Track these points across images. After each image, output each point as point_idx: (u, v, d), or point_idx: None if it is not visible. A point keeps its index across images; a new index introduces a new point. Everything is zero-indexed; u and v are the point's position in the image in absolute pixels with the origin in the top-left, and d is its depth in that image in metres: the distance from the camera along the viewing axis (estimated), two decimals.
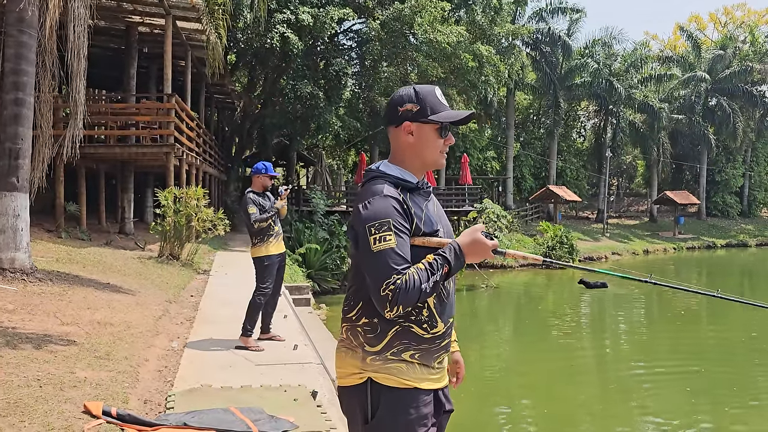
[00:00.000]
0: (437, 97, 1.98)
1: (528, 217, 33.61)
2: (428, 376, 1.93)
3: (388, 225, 1.83)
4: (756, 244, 38.42)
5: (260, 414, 4.15)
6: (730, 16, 49.07)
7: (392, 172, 1.97)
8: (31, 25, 8.11)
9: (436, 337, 1.93)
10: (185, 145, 14.96)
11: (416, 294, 1.79)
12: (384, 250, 1.81)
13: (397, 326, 1.89)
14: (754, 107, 41.09)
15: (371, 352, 1.90)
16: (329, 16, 19.03)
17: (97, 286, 8.26)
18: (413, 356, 1.90)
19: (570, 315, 14.59)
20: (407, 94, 1.97)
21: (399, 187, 1.93)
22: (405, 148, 1.99)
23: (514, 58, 29.47)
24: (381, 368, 1.89)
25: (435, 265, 1.83)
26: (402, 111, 1.96)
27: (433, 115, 1.95)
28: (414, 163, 1.99)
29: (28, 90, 8.13)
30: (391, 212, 1.86)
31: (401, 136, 1.98)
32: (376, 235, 1.83)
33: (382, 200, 1.87)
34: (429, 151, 1.98)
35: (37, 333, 5.51)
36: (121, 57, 17.20)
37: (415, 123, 1.95)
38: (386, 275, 1.79)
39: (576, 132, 46.26)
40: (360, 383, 1.91)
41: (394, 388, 1.88)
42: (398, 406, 1.88)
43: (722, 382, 8.90)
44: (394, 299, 1.78)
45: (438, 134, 1.97)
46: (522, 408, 7.93)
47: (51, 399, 4.05)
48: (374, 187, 1.92)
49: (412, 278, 1.79)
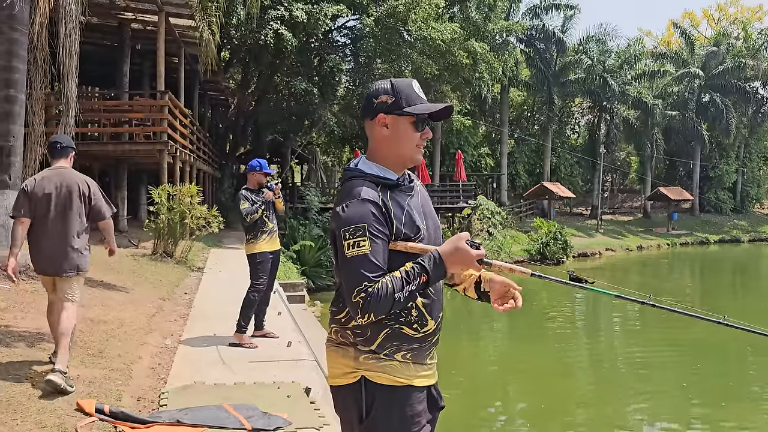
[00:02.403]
0: (414, 90, 1.92)
1: (522, 213, 33.67)
2: (421, 373, 1.92)
3: (363, 230, 1.79)
4: (749, 239, 38.64)
5: (253, 411, 4.15)
6: (723, 12, 49.24)
7: (371, 171, 1.92)
8: (22, 21, 8.06)
9: (427, 335, 1.91)
10: (179, 142, 14.91)
11: (389, 303, 1.76)
12: (357, 256, 1.78)
13: (387, 329, 1.86)
14: (747, 103, 41.26)
15: (364, 350, 1.88)
16: (323, 13, 18.97)
17: (90, 283, 8.22)
18: (405, 356, 1.88)
19: (565, 312, 14.64)
20: (383, 87, 1.93)
21: (379, 185, 1.88)
22: (381, 142, 1.93)
23: (508, 55, 29.47)
24: (374, 367, 1.87)
25: (412, 274, 1.78)
26: (377, 103, 1.91)
27: (409, 107, 1.89)
28: (390, 158, 1.93)
29: (20, 87, 8.08)
30: (368, 217, 1.80)
31: (376, 128, 1.93)
32: (350, 240, 1.79)
33: (360, 205, 1.82)
34: (405, 145, 1.92)
35: (30, 331, 5.50)
36: (114, 54, 17.10)
37: (390, 115, 1.90)
38: (357, 282, 1.76)
39: (570, 128, 46.35)
40: (354, 382, 1.89)
41: (389, 386, 1.87)
42: (393, 404, 1.87)
43: (718, 378, 8.96)
44: (364, 307, 1.75)
45: (414, 128, 1.92)
46: (517, 404, 7.96)
47: (44, 397, 4.04)
48: (353, 189, 1.86)
49: (385, 287, 1.76)
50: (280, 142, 27.55)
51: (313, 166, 36.36)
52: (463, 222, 24.06)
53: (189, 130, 16.83)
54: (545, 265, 22.25)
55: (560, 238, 23.87)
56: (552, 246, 23.73)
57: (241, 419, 4.00)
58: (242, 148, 28.92)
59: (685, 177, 44.19)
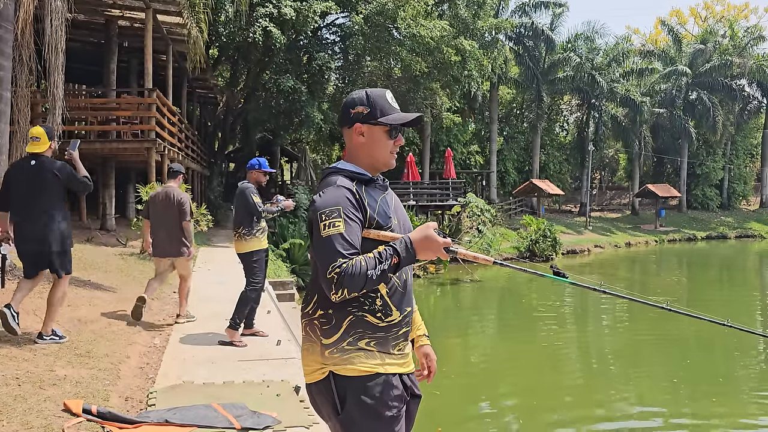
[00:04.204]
0: (388, 100, 2.08)
1: (512, 210, 33.79)
2: (390, 361, 1.97)
3: (338, 212, 1.91)
4: (735, 236, 38.99)
5: (243, 410, 4.14)
6: (710, 10, 49.59)
7: (348, 168, 2.08)
8: (7, 18, 7.97)
9: (392, 326, 1.98)
10: (167, 140, 14.82)
11: (362, 279, 1.84)
12: (332, 235, 1.88)
13: (351, 316, 1.94)
14: (734, 101, 41.59)
15: (328, 344, 1.94)
16: (312, 10, 18.92)
17: (77, 283, 8.17)
18: (369, 344, 1.94)
19: (554, 307, 14.72)
20: (359, 98, 2.08)
21: (354, 180, 2.03)
22: (357, 148, 2.09)
23: (497, 53, 29.52)
24: (340, 360, 1.93)
25: (384, 254, 1.89)
26: (353, 113, 2.06)
27: (383, 117, 2.05)
28: (365, 162, 2.08)
29: (5, 85, 8.00)
30: (342, 201, 1.94)
31: (353, 136, 2.08)
32: (325, 221, 1.90)
33: (335, 190, 1.97)
34: (379, 152, 2.08)
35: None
36: (101, 51, 16.97)
37: (365, 125, 2.05)
38: (332, 258, 1.86)
39: (559, 126, 46.52)
40: (323, 378, 1.96)
41: (357, 377, 1.92)
42: (364, 393, 1.92)
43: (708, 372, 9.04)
44: (338, 282, 1.83)
45: (388, 135, 2.07)
46: (507, 398, 7.99)
47: (30, 397, 4.01)
48: (330, 181, 2.03)
49: (359, 263, 1.85)
50: (269, 139, 27.46)
51: (303, 164, 36.23)
52: (452, 219, 24.11)
53: (177, 128, 16.72)
54: (534, 262, 22.34)
55: (549, 235, 23.97)
56: (541, 243, 23.83)
57: (230, 418, 3.98)
58: (231, 146, 28.81)
59: (672, 174, 44.51)
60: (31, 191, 5.21)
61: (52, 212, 5.21)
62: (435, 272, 18.37)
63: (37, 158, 5.28)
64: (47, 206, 5.19)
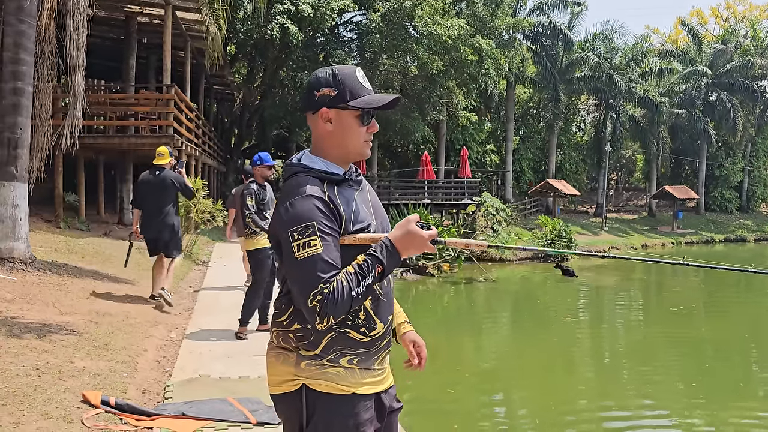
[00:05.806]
0: (358, 80, 1.78)
1: (527, 210, 33.61)
2: (369, 380, 1.80)
3: (312, 228, 1.66)
4: (754, 239, 38.48)
5: (258, 404, 4.16)
6: (731, 10, 48.97)
7: (316, 166, 1.79)
8: (30, 14, 8.08)
9: (375, 339, 1.79)
10: (184, 136, 14.94)
11: (347, 302, 1.64)
12: (310, 257, 1.64)
13: (333, 332, 1.74)
14: (755, 102, 41.02)
15: (306, 356, 1.75)
16: (330, 7, 18.97)
17: (95, 276, 8.27)
18: (351, 361, 1.76)
19: (569, 307, 14.63)
20: (324, 77, 1.77)
21: (325, 181, 1.76)
22: (324, 137, 1.80)
23: (514, 51, 29.38)
24: (317, 374, 1.74)
25: (366, 267, 1.67)
26: (318, 96, 1.76)
27: (353, 100, 1.75)
28: (335, 153, 1.81)
29: (27, 79, 8.11)
30: (315, 214, 1.68)
31: (319, 123, 1.79)
32: (299, 241, 1.65)
33: (305, 201, 1.69)
34: (350, 141, 1.79)
35: (36, 322, 5.53)
36: (121, 47, 17.14)
37: (333, 109, 1.76)
38: (312, 285, 1.63)
39: (576, 126, 46.17)
40: (294, 390, 1.76)
41: (331, 394, 1.74)
42: (335, 413, 1.74)
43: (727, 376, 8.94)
44: (322, 310, 1.62)
45: (359, 121, 1.78)
46: (522, 398, 7.96)
47: (50, 388, 4.07)
48: (297, 186, 1.73)
49: (341, 285, 1.63)
50: (285, 136, 27.58)
51: None
52: (467, 219, 24.04)
53: (194, 123, 16.85)
54: (549, 263, 22.22)
55: (565, 235, 23.81)
56: (556, 243, 23.70)
57: (245, 412, 4.01)
58: (247, 143, 28.94)
59: (690, 175, 44.03)
60: (156, 194, 7.00)
61: (169, 210, 7.06)
62: (450, 271, 18.33)
63: (161, 169, 7.06)
64: (165, 206, 7.01)
